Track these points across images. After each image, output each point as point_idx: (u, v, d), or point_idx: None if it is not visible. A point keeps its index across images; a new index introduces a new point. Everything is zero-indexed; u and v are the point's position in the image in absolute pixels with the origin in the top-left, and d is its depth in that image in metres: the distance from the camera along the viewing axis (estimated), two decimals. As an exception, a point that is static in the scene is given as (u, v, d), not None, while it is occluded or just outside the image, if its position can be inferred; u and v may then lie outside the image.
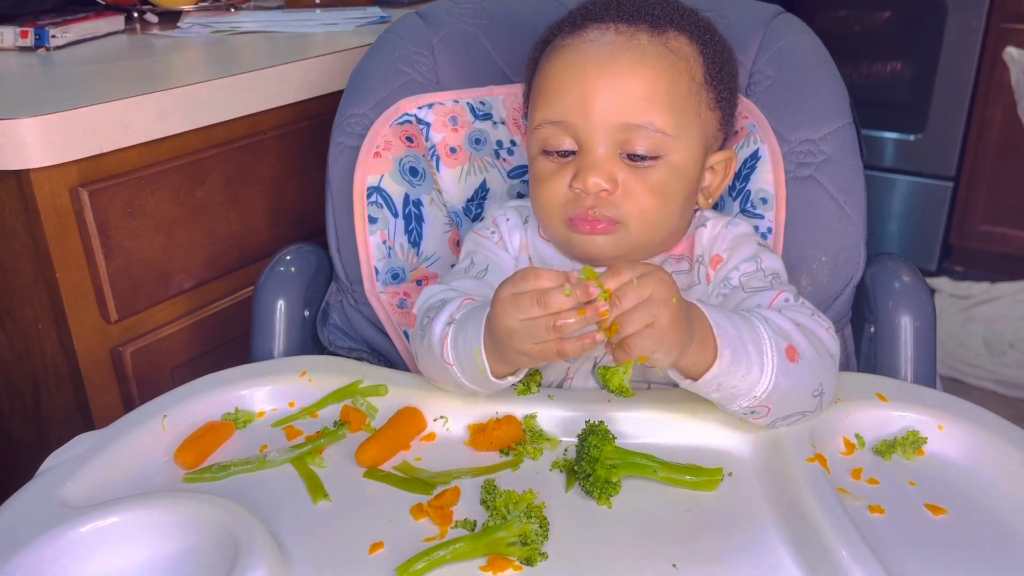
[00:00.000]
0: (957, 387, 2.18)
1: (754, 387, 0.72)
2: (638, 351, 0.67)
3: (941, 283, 2.64)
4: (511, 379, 0.78)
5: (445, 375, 0.80)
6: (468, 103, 1.07)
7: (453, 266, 0.97)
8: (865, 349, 0.97)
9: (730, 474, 0.75)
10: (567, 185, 0.84)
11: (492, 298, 0.72)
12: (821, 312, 0.82)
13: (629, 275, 0.67)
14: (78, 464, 0.74)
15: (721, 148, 0.91)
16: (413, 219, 1.03)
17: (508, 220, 0.95)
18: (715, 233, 0.89)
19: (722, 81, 0.88)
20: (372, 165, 1.02)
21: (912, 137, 2.63)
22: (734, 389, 0.73)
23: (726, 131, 0.91)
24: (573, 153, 0.84)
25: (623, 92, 0.81)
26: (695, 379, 0.72)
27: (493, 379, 0.76)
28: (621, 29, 0.84)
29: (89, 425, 1.09)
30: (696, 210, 0.92)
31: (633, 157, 0.82)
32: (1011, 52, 1.84)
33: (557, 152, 0.85)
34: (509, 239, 0.94)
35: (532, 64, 0.92)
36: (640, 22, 0.84)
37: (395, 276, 1.03)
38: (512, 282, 0.71)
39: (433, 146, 1.05)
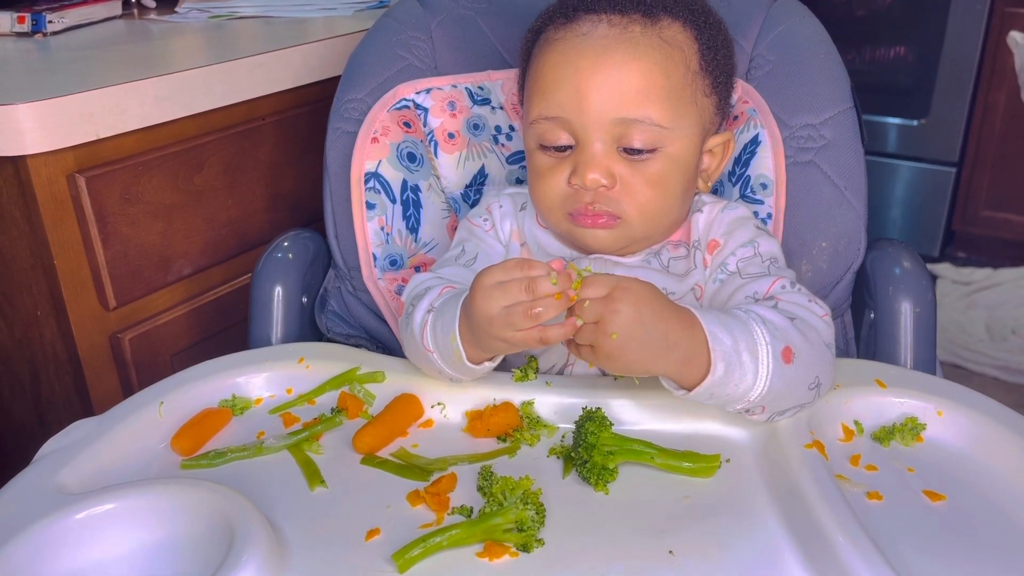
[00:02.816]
0: (959, 373, 2.17)
1: (748, 393, 0.72)
2: (586, 358, 0.72)
3: (943, 269, 2.63)
4: (488, 364, 0.78)
5: (428, 363, 0.81)
6: (466, 88, 1.06)
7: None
8: (865, 335, 0.96)
9: (728, 461, 0.75)
10: (565, 181, 0.83)
11: (472, 285, 0.73)
12: (820, 298, 0.81)
13: (595, 291, 0.69)
14: (75, 451, 0.74)
15: (718, 131, 0.91)
16: (411, 205, 1.03)
17: (501, 207, 0.94)
18: (711, 217, 0.89)
19: (718, 66, 0.87)
20: (370, 151, 1.02)
21: (915, 122, 2.61)
22: (727, 397, 0.73)
23: (723, 114, 0.90)
24: (570, 148, 0.84)
25: (618, 87, 0.80)
26: (688, 390, 0.72)
27: (469, 364, 0.77)
28: (614, 20, 0.83)
29: (89, 411, 1.09)
30: (696, 194, 0.91)
31: (630, 151, 0.82)
32: (1015, 37, 1.82)
33: (554, 147, 0.84)
34: (500, 227, 0.94)
35: (525, 54, 0.91)
36: (633, 11, 0.83)
37: (393, 262, 1.02)
38: (501, 269, 0.72)
39: (431, 131, 1.04)
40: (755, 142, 0.97)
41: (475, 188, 1.06)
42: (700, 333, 0.71)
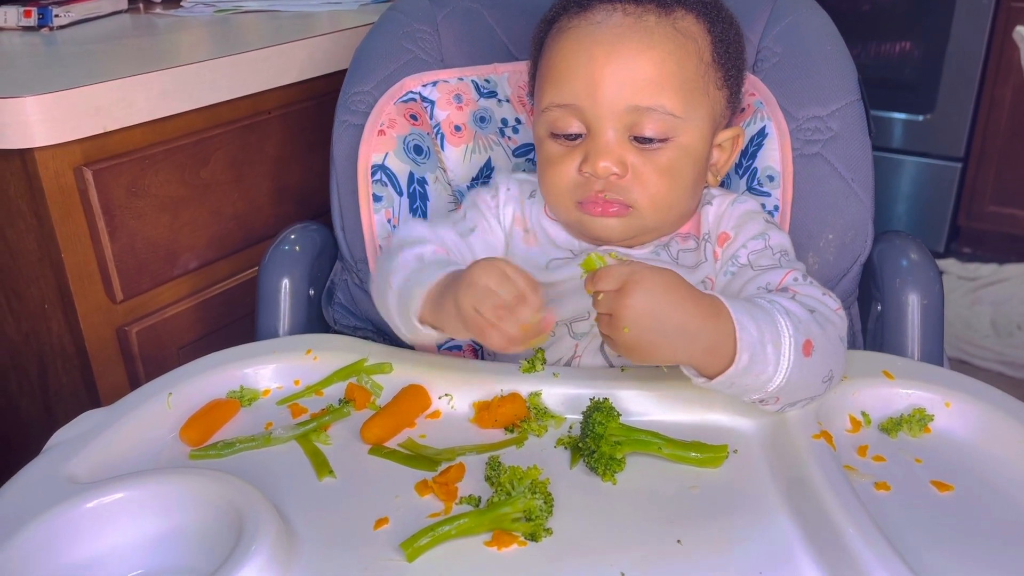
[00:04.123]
0: (964, 369, 2.17)
1: (767, 383, 0.72)
2: (611, 347, 0.72)
3: (949, 265, 2.63)
4: (426, 331, 0.79)
5: (382, 297, 0.83)
6: (473, 81, 1.06)
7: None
8: (872, 327, 0.96)
9: (735, 451, 0.75)
10: (576, 169, 0.83)
11: (476, 263, 0.72)
12: (829, 290, 0.81)
13: (607, 284, 0.69)
14: (84, 441, 0.74)
15: (728, 125, 0.91)
16: (418, 197, 1.03)
17: (509, 190, 0.94)
18: (721, 211, 0.89)
19: (730, 59, 0.87)
20: (376, 143, 1.02)
21: (921, 117, 2.61)
22: (746, 387, 0.73)
23: (733, 108, 0.91)
24: (580, 136, 0.84)
25: (632, 76, 0.81)
26: (709, 378, 0.72)
27: (415, 321, 0.78)
28: (628, 10, 0.83)
29: (96, 404, 1.09)
30: (705, 188, 0.91)
31: (641, 140, 0.82)
32: (1021, 31, 1.81)
33: (565, 135, 0.84)
34: (503, 210, 0.94)
35: (538, 44, 0.91)
36: (647, 1, 0.83)
37: (400, 255, 1.02)
38: (499, 277, 0.70)
39: (438, 124, 1.04)
40: (762, 134, 0.97)
41: (481, 181, 1.06)
42: (726, 322, 0.70)
